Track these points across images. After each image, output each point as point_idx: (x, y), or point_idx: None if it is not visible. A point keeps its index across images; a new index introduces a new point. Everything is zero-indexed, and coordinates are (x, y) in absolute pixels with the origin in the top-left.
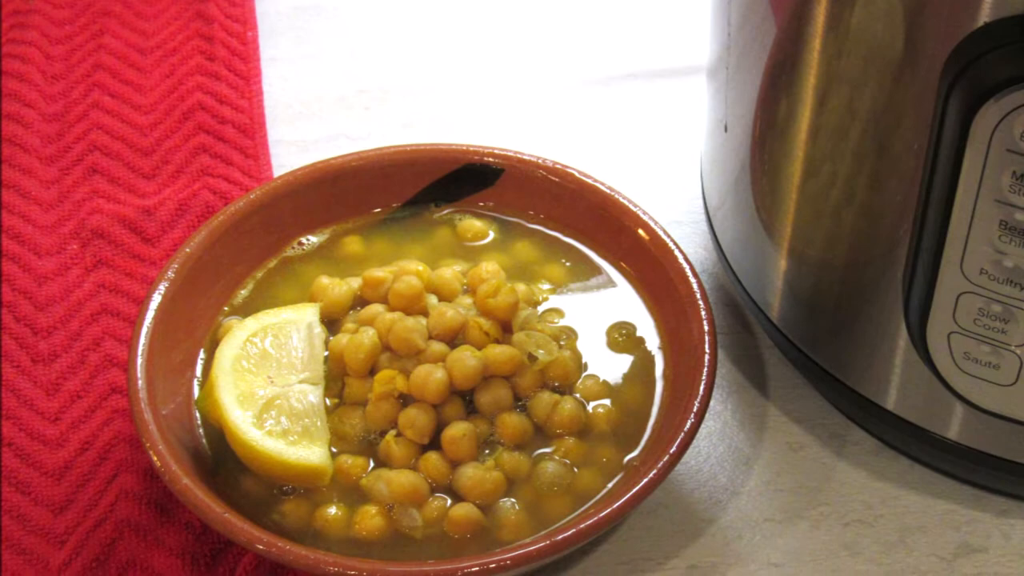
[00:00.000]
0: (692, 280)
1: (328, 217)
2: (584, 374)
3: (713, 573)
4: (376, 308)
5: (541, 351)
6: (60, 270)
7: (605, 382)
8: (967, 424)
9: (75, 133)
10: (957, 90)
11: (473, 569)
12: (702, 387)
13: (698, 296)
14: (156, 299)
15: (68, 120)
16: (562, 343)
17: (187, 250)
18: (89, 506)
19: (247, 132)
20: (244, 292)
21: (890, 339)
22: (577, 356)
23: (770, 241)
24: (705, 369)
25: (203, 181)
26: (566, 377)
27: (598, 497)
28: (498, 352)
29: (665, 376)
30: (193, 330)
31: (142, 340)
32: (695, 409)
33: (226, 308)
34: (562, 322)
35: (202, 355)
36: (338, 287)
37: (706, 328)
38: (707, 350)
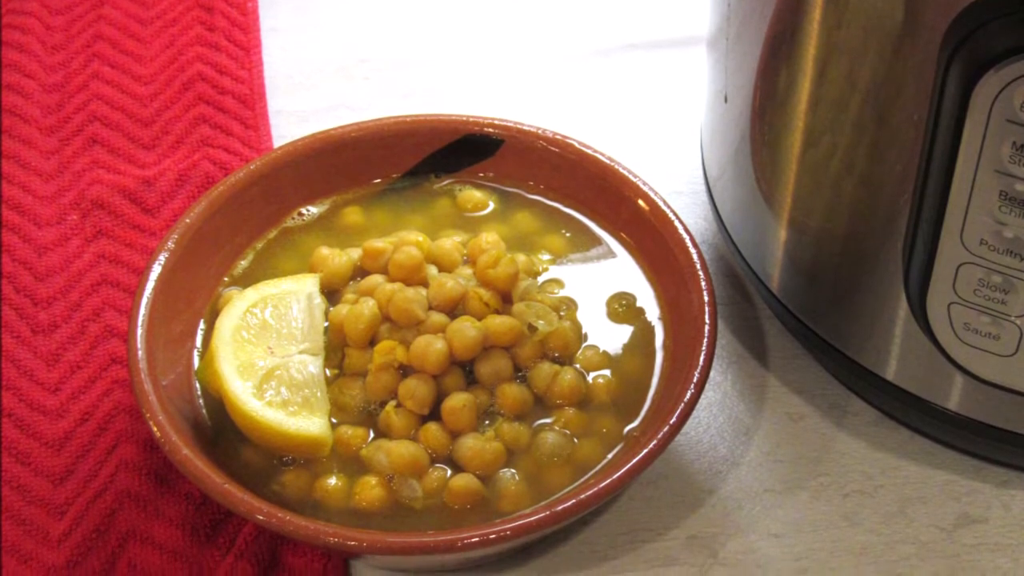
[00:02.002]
0: (692, 251)
1: (328, 188)
2: (584, 345)
3: (713, 543)
4: (376, 279)
5: (541, 322)
6: (60, 241)
7: (605, 353)
8: (967, 395)
9: (75, 104)
10: (957, 60)
11: (473, 540)
12: (702, 358)
13: (698, 267)
14: (156, 270)
15: (68, 91)
16: (562, 314)
17: (187, 221)
18: (89, 477)
19: (247, 103)
20: (244, 263)
21: (890, 310)
22: (577, 327)
23: (770, 212)
24: (705, 340)
25: (203, 152)
26: (566, 348)
27: (598, 468)
28: (498, 323)
29: (665, 347)
30: (193, 301)
31: (142, 311)
32: (695, 380)
33: (226, 279)
34: (562, 293)
35: (202, 326)
36: (338, 258)
37: (706, 299)
38: (707, 321)
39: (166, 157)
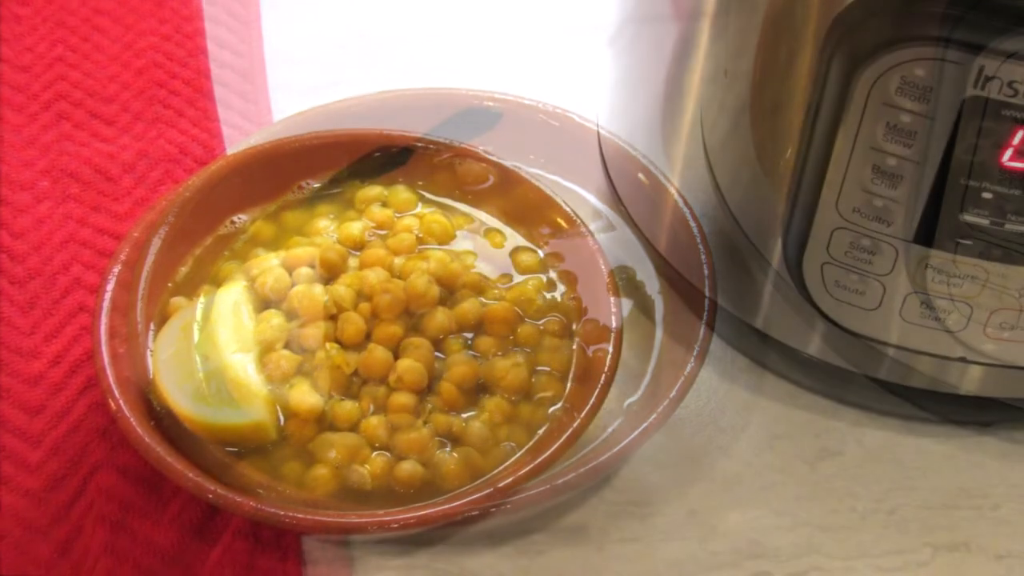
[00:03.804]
0: (692, 224)
1: (327, 162)
2: (584, 318)
3: (713, 517)
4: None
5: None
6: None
7: (605, 326)
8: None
9: (71, 79)
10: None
11: (473, 513)
12: (702, 331)
13: (698, 240)
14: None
15: (67, 64)
16: (563, 290)
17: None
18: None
19: (247, 77)
20: (243, 237)
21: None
22: (577, 300)
23: (770, 185)
24: (705, 313)
25: (203, 125)
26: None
27: (598, 441)
28: (495, 306)
29: (665, 320)
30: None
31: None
32: (695, 353)
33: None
34: (562, 267)
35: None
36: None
37: (706, 272)
38: (707, 294)
39: (167, 131)
